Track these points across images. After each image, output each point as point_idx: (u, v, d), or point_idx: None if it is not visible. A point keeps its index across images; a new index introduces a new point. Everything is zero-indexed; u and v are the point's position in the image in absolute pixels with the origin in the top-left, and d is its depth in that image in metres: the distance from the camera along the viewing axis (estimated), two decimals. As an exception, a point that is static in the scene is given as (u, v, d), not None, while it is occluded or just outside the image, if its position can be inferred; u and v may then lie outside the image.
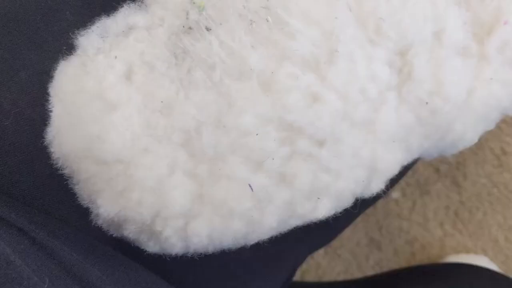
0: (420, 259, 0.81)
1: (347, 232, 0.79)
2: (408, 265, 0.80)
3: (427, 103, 0.32)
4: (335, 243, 0.80)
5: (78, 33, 0.30)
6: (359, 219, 0.77)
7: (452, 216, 0.80)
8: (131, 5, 0.30)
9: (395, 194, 0.80)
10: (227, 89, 0.29)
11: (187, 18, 0.29)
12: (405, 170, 0.36)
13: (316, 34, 0.30)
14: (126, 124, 0.28)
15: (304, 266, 0.81)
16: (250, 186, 0.28)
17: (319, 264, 0.81)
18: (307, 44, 0.29)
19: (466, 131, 0.35)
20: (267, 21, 0.29)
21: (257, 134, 0.28)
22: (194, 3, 0.30)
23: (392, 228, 0.82)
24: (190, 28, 0.29)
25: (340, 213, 0.31)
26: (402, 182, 0.79)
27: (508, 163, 0.77)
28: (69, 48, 0.30)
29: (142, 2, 0.31)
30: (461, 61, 0.33)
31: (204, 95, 0.29)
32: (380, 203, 0.80)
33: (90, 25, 0.30)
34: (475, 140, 0.36)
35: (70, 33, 0.30)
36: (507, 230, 0.78)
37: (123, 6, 0.30)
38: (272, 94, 0.29)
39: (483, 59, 0.34)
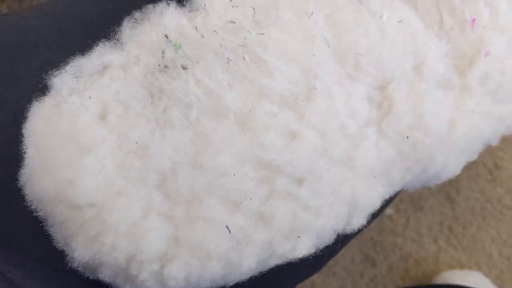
0: (415, 275, 0.81)
1: (341, 250, 0.79)
2: (403, 282, 0.80)
3: (407, 137, 0.32)
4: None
5: (52, 73, 0.29)
6: (352, 236, 0.77)
7: (446, 231, 0.80)
8: (106, 43, 0.30)
9: (389, 210, 0.80)
10: (204, 128, 0.28)
11: (163, 57, 0.29)
12: (387, 203, 0.35)
13: (294, 71, 0.29)
14: (99, 167, 0.27)
15: (298, 284, 0.80)
16: (227, 227, 0.28)
17: (313, 282, 0.80)
18: (284, 81, 0.29)
19: (449, 163, 0.34)
20: (244, 59, 0.29)
21: (234, 174, 0.28)
22: (170, 41, 0.29)
23: (386, 245, 0.81)
24: (166, 66, 0.29)
25: (321, 250, 0.31)
26: (396, 199, 0.79)
27: (501, 178, 0.77)
28: (44, 87, 0.30)
29: (117, 40, 0.30)
30: (442, 93, 0.33)
31: (180, 135, 0.28)
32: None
33: (64, 65, 0.29)
34: (458, 171, 0.35)
35: (47, 70, 0.30)
36: (501, 244, 0.78)
37: (98, 44, 0.30)
38: (249, 133, 0.28)
39: (464, 90, 0.34)
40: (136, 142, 0.28)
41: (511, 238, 0.78)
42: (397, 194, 0.36)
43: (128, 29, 0.30)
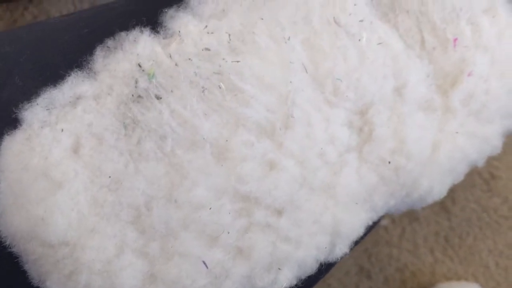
0: (411, 286, 0.80)
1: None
2: (399, 293, 0.79)
3: (389, 162, 0.31)
4: (324, 273, 0.79)
5: (23, 105, 0.28)
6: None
7: (442, 242, 0.79)
8: (79, 73, 0.29)
9: (384, 221, 0.79)
10: (179, 160, 0.28)
11: (136, 87, 0.28)
12: (371, 228, 0.35)
13: (271, 99, 0.29)
14: (71, 203, 0.26)
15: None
16: (204, 262, 0.27)
17: (308, 296, 0.79)
18: (261, 110, 0.28)
19: (433, 186, 0.33)
20: (220, 87, 0.28)
21: (210, 208, 0.27)
22: (143, 70, 0.29)
23: (381, 256, 0.80)
24: (139, 96, 0.28)
25: (303, 281, 0.30)
26: (390, 210, 0.78)
27: (497, 188, 0.76)
28: (15, 119, 0.29)
29: (90, 69, 0.30)
30: (424, 115, 0.32)
31: (154, 168, 0.27)
32: (369, 231, 0.79)
33: (36, 96, 0.29)
34: (444, 193, 0.35)
35: (18, 101, 0.29)
36: (498, 255, 0.77)
37: (70, 74, 0.29)
38: (226, 164, 0.28)
39: (447, 111, 0.33)
40: (109, 176, 0.27)
41: (508, 249, 0.77)
42: (381, 217, 0.35)
43: (101, 58, 0.29)
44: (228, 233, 0.27)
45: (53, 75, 0.30)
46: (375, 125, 0.31)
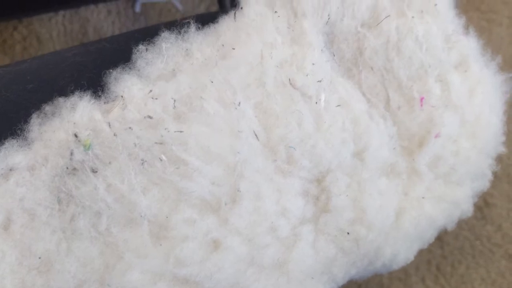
0: (402, 316, 0.78)
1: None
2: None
3: (348, 233, 0.29)
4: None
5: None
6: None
7: (434, 270, 0.77)
8: (13, 141, 0.27)
9: (374, 248, 0.77)
10: (114, 239, 0.26)
11: (71, 159, 0.27)
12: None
13: (217, 171, 0.27)
14: (-5, 290, 0.25)
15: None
16: None
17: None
18: (206, 183, 0.26)
19: (398, 254, 0.31)
20: (161, 159, 0.26)
21: (144, 294, 0.25)
22: (79, 141, 0.27)
23: (372, 285, 0.78)
24: (74, 169, 0.27)
25: None
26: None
27: (491, 215, 0.74)
28: None
29: (25, 138, 0.28)
30: (388, 180, 0.30)
31: (87, 248, 0.26)
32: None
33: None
34: (411, 259, 0.33)
35: None
36: (491, 284, 0.75)
37: (4, 143, 0.27)
38: (165, 244, 0.26)
39: (413, 175, 0.31)
40: (40, 257, 0.25)
41: (501, 277, 0.75)
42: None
43: (37, 126, 0.28)
44: (165, 320, 0.25)
45: None
46: (332, 194, 0.29)
